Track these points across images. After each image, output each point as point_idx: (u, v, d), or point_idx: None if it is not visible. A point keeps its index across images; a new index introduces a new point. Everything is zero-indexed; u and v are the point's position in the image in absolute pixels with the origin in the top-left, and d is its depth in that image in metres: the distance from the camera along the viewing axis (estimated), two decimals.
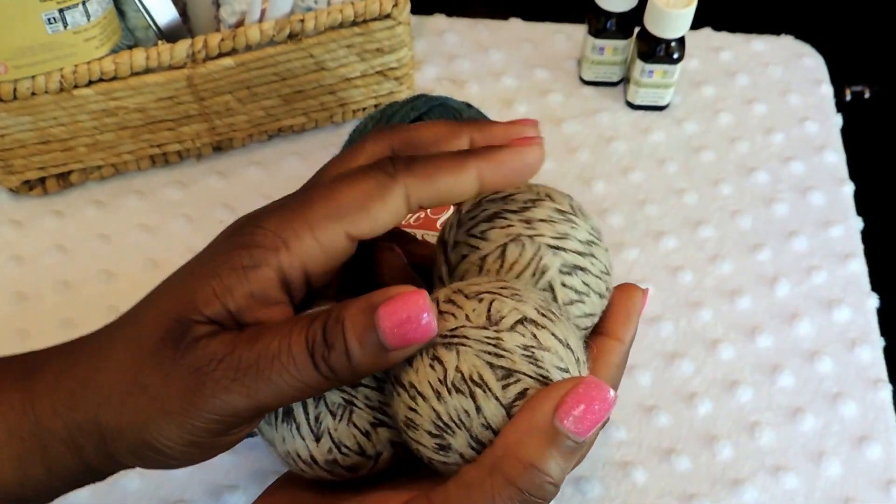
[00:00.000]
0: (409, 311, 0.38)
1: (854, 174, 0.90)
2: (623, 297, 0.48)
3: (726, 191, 0.88)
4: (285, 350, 0.39)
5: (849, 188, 0.89)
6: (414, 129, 0.46)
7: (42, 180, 0.85)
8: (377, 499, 0.42)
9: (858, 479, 0.72)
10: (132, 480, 0.70)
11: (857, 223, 0.87)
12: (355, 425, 0.43)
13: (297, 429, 0.44)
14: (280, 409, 0.44)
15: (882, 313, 0.81)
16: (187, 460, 0.43)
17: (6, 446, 0.45)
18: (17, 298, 0.80)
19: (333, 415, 0.43)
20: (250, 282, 0.41)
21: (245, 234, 0.42)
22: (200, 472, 0.69)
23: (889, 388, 0.77)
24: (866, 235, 0.86)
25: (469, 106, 0.78)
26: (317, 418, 0.43)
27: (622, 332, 0.48)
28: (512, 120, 0.47)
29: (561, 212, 0.46)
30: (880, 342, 0.80)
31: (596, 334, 0.48)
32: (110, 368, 0.43)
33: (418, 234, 0.72)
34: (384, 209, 0.42)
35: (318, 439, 0.43)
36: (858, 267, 0.84)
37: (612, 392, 0.39)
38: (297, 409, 0.43)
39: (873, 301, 0.82)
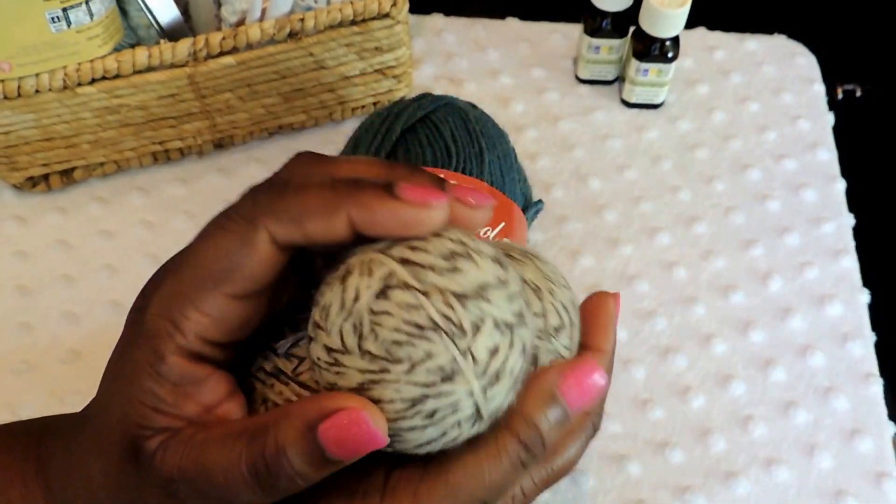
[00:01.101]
0: (352, 424, 0.36)
1: (846, 172, 0.91)
2: (596, 308, 0.48)
3: (720, 188, 0.88)
4: (236, 481, 0.38)
5: (841, 185, 0.89)
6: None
7: (46, 177, 0.85)
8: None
9: (850, 472, 0.73)
10: None
11: (849, 220, 0.87)
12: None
13: None
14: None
15: (873, 308, 0.82)
16: None
17: None
18: (20, 293, 0.80)
19: None
20: (166, 376, 0.39)
21: (141, 323, 0.40)
22: None
23: (880, 382, 0.77)
24: (858, 232, 0.86)
25: (474, 106, 0.78)
26: None
27: (602, 342, 0.47)
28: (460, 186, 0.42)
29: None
30: (872, 337, 0.80)
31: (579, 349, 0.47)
32: (95, 483, 0.42)
33: None
34: (254, 262, 0.39)
35: None
36: (850, 263, 0.84)
37: (599, 377, 0.42)
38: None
39: (865, 296, 0.82)
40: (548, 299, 0.44)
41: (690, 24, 0.88)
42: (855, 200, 0.89)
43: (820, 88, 0.97)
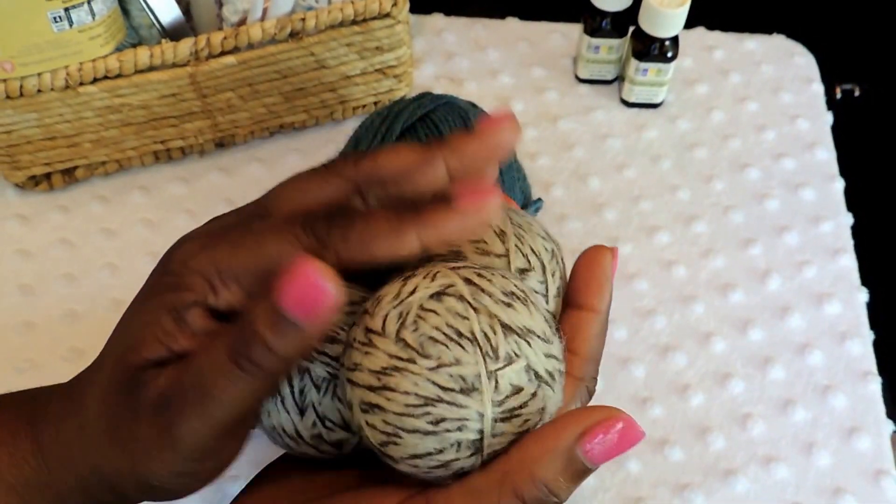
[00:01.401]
0: (305, 281, 0.37)
1: (844, 171, 0.91)
2: (591, 262, 0.46)
3: (719, 187, 0.89)
4: (213, 365, 0.39)
5: (839, 184, 0.90)
6: (382, 159, 0.43)
7: (48, 176, 0.86)
8: (370, 496, 0.42)
9: (848, 470, 0.73)
10: None
11: (847, 219, 0.87)
12: (339, 399, 0.43)
13: (282, 402, 0.43)
14: None
15: (871, 307, 0.82)
16: (188, 490, 0.44)
17: (27, 499, 0.45)
18: (23, 291, 0.81)
19: (318, 388, 0.43)
20: (189, 323, 0.41)
21: (175, 274, 0.42)
22: None
23: (878, 380, 0.78)
24: (856, 231, 0.87)
25: (474, 105, 0.79)
26: (301, 391, 0.43)
27: (596, 301, 0.45)
28: (490, 119, 0.43)
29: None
30: (870, 335, 0.80)
31: (569, 307, 0.46)
32: (91, 420, 0.43)
33: None
34: None
35: (302, 412, 0.43)
36: (848, 262, 0.84)
37: (642, 431, 0.38)
38: (283, 383, 0.43)
39: (863, 295, 0.82)
40: (512, 241, 0.44)
41: (689, 23, 0.88)
42: (853, 199, 0.89)
43: (818, 88, 0.97)
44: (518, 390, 0.38)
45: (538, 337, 0.39)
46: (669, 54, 0.87)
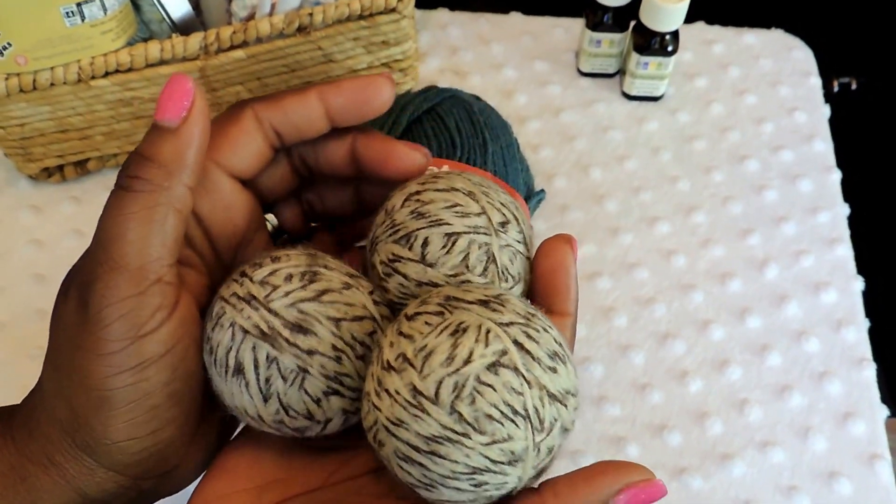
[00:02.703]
0: (171, 87, 0.41)
1: (841, 162, 0.91)
2: (555, 265, 0.45)
3: (718, 178, 0.90)
4: (108, 207, 0.41)
5: (836, 176, 0.90)
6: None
7: (60, 168, 0.87)
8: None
9: (843, 454, 0.74)
10: None
11: (844, 209, 0.88)
12: (306, 392, 0.42)
13: (246, 386, 0.42)
14: (232, 363, 0.42)
15: (867, 296, 0.83)
16: (149, 432, 0.43)
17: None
18: (36, 280, 0.82)
19: (284, 379, 0.42)
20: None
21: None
22: None
23: (873, 367, 0.78)
24: (852, 221, 0.87)
25: (478, 98, 0.79)
26: (267, 380, 0.42)
27: (566, 305, 0.45)
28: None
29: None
30: (865, 323, 0.81)
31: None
32: (45, 380, 0.44)
33: None
34: (240, 132, 0.45)
35: (265, 400, 0.42)
36: (845, 251, 0.85)
37: (663, 487, 0.39)
38: (249, 367, 0.42)
39: (859, 284, 0.83)
40: (483, 199, 0.45)
41: (690, 18, 0.89)
42: (850, 190, 0.90)
43: (816, 81, 0.98)
44: (551, 449, 0.39)
45: (572, 395, 0.40)
46: (670, 48, 0.88)
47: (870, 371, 0.78)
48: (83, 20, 0.75)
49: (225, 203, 0.46)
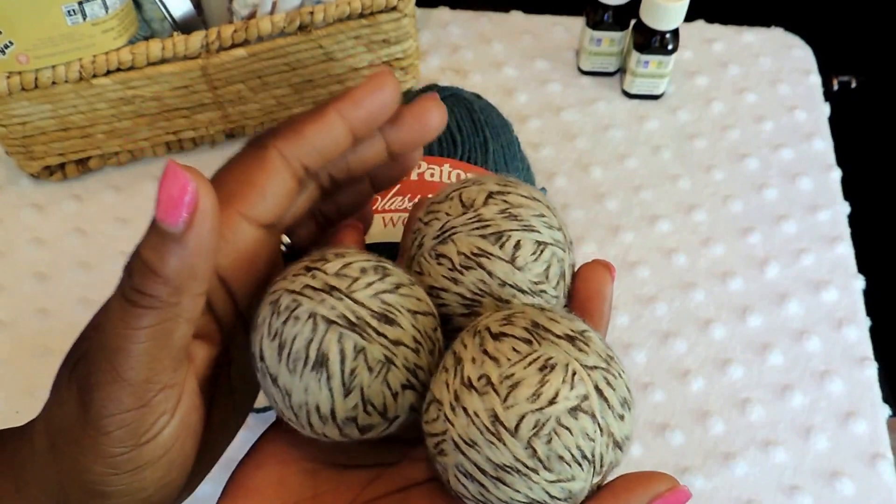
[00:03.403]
0: (174, 184, 0.36)
1: (841, 161, 0.91)
2: (594, 287, 0.45)
3: (718, 176, 0.90)
4: (109, 312, 0.37)
5: (836, 174, 0.90)
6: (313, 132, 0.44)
7: (62, 166, 0.87)
8: None
9: (845, 454, 0.74)
10: None
11: (844, 208, 0.88)
12: (388, 384, 0.41)
13: (328, 379, 0.41)
14: (312, 355, 0.41)
15: (868, 294, 0.83)
16: (140, 491, 0.41)
17: None
18: (38, 279, 0.82)
19: (371, 370, 0.41)
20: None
21: None
22: None
23: (874, 366, 0.78)
24: (853, 219, 0.87)
25: (479, 97, 0.79)
26: (352, 371, 0.41)
27: (598, 330, 0.44)
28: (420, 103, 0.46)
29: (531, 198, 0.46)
30: (866, 322, 0.81)
31: None
32: (37, 437, 0.43)
33: None
34: (267, 178, 0.42)
35: (347, 393, 0.41)
36: (845, 250, 0.85)
37: (689, 493, 0.40)
38: (334, 358, 0.40)
39: (859, 282, 0.83)
40: (560, 215, 0.46)
41: (690, 16, 0.89)
42: (850, 189, 0.90)
43: (816, 80, 0.98)
44: (600, 486, 0.40)
45: (627, 441, 0.40)
46: (670, 47, 0.88)
47: (871, 370, 0.78)
48: (85, 19, 0.75)
49: (250, 255, 0.43)
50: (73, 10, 0.74)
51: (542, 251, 0.44)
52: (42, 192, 0.87)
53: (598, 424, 0.38)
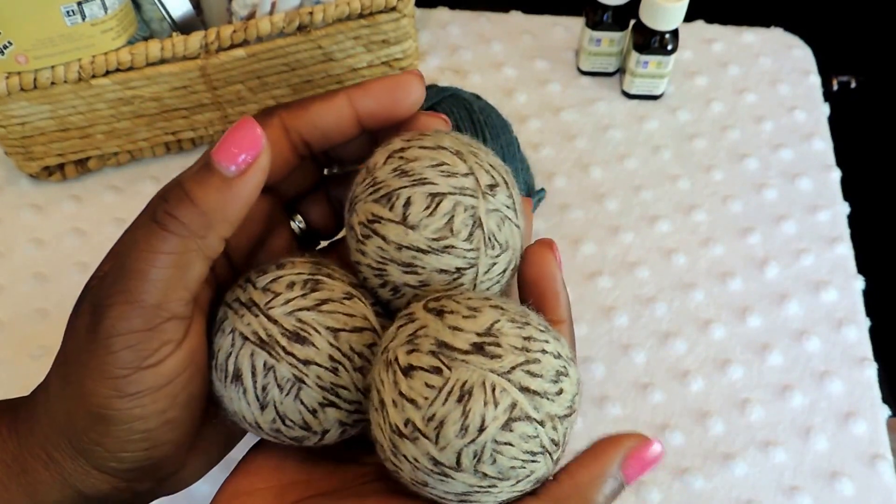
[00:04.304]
0: (240, 130, 0.39)
1: (841, 161, 0.91)
2: (540, 274, 0.46)
3: (718, 177, 0.90)
4: (135, 233, 0.39)
5: (836, 174, 0.90)
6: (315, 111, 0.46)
7: (61, 166, 0.87)
8: None
9: (845, 454, 0.74)
10: None
11: (844, 208, 0.88)
12: (302, 402, 0.42)
13: (244, 393, 0.42)
14: (231, 369, 0.42)
15: (867, 295, 0.82)
16: (144, 432, 0.42)
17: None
18: (37, 279, 0.82)
19: (281, 388, 0.41)
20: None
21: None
22: None
23: (874, 366, 0.78)
24: (852, 220, 0.87)
25: (478, 97, 0.80)
26: (264, 388, 0.42)
27: (559, 312, 0.45)
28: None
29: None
30: (866, 322, 0.81)
31: None
32: (52, 381, 0.44)
33: None
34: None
35: (262, 408, 0.42)
36: (845, 250, 0.85)
37: (659, 447, 0.42)
38: (246, 374, 0.42)
39: (859, 283, 0.83)
40: (472, 159, 0.44)
41: (689, 17, 0.89)
42: (849, 189, 0.90)
43: (815, 80, 0.98)
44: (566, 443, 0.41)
45: (577, 397, 0.41)
46: (669, 47, 0.88)
47: (871, 370, 0.78)
48: (84, 19, 0.75)
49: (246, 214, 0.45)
50: (72, 11, 0.74)
51: (437, 204, 0.42)
52: (41, 193, 0.87)
53: (536, 420, 0.38)
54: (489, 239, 0.43)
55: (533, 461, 0.38)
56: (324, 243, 0.54)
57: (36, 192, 0.87)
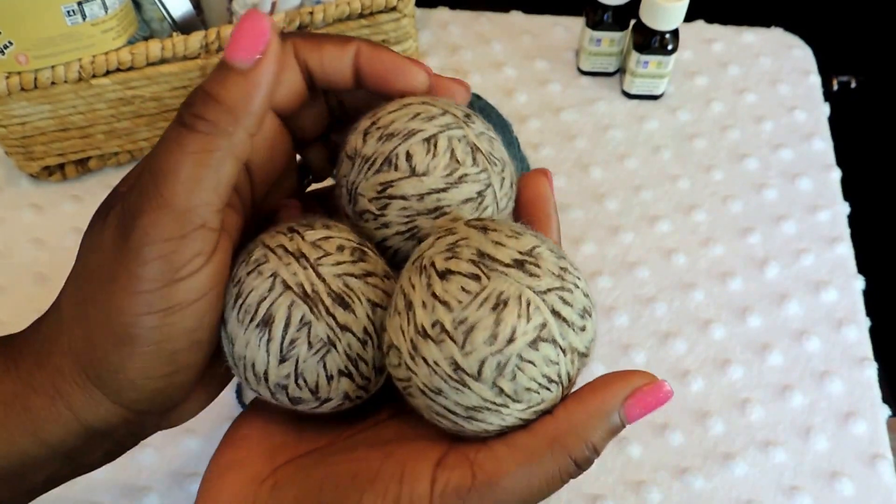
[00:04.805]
0: (247, 26, 0.39)
1: (841, 161, 0.91)
2: (532, 192, 0.47)
3: (718, 177, 0.90)
4: (165, 140, 0.39)
5: (836, 174, 0.90)
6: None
7: (61, 166, 0.87)
8: (402, 454, 0.41)
9: (845, 454, 0.74)
10: None
11: (844, 208, 0.88)
12: (325, 365, 0.42)
13: (268, 342, 0.41)
14: (261, 313, 0.41)
15: (868, 294, 0.83)
16: (162, 341, 0.41)
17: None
18: (38, 280, 0.82)
19: (310, 346, 0.41)
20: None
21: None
22: (115, 472, 0.64)
23: (874, 366, 0.78)
24: (852, 220, 0.87)
25: (478, 97, 0.80)
26: (292, 342, 0.41)
27: (548, 232, 0.46)
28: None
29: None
30: (866, 322, 0.81)
31: None
32: (66, 297, 0.44)
33: None
34: (281, 67, 0.43)
35: (281, 361, 0.41)
36: (845, 250, 0.85)
37: (669, 388, 0.41)
38: (279, 322, 0.41)
39: (859, 283, 0.83)
40: (440, 102, 0.45)
41: (689, 17, 0.89)
42: (850, 189, 0.90)
43: (816, 80, 0.98)
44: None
45: (594, 342, 0.41)
46: (670, 47, 0.88)
47: (871, 370, 0.78)
48: (84, 19, 0.75)
49: (269, 140, 0.46)
50: (73, 11, 0.74)
51: (434, 145, 0.43)
52: (41, 193, 0.87)
53: (560, 347, 0.39)
54: (489, 157, 0.44)
55: (547, 388, 0.39)
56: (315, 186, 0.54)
57: (36, 192, 0.87)
